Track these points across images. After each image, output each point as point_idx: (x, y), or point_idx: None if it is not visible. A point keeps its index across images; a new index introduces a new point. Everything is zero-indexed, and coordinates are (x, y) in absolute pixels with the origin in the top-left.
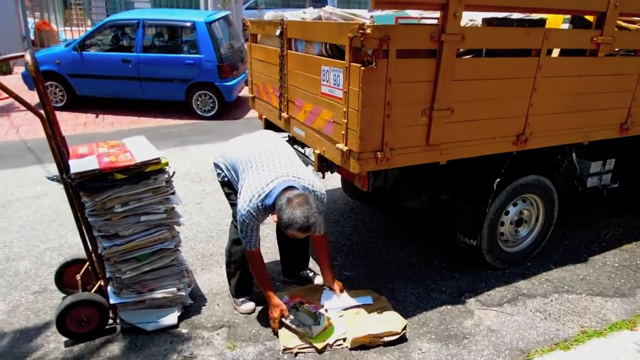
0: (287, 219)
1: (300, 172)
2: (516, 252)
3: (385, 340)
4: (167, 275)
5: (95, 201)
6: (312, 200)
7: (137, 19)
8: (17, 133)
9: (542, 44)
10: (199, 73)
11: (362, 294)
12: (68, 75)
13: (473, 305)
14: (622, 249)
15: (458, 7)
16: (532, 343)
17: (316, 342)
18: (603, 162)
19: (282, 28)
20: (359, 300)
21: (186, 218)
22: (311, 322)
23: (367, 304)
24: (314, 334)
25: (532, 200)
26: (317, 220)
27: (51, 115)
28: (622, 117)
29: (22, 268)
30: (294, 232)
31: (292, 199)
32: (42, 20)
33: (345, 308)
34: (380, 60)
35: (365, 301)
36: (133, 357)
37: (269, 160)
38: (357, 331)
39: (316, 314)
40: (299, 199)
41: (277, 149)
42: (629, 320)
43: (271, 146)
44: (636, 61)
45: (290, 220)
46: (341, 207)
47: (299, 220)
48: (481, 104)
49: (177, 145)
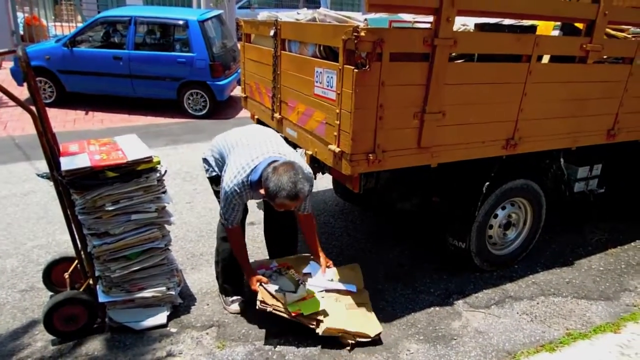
0: (274, 186)
1: (287, 151)
2: (504, 255)
3: (357, 339)
4: (156, 274)
5: (86, 199)
6: (298, 167)
7: (129, 16)
8: (5, 129)
9: (533, 50)
10: (191, 72)
11: (348, 277)
12: (58, 71)
13: (461, 307)
14: (607, 253)
15: (451, 12)
16: (518, 345)
17: (291, 308)
18: (590, 168)
19: (276, 29)
20: (343, 284)
21: (176, 217)
22: (291, 289)
23: (350, 291)
24: (288, 300)
25: (521, 204)
26: (304, 187)
27: (42, 111)
28: (609, 124)
29: (9, 266)
30: (282, 200)
31: (277, 167)
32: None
33: (328, 289)
34: (373, 63)
35: (349, 287)
36: (121, 356)
37: (255, 140)
38: (332, 321)
39: (298, 282)
40: (285, 166)
41: (265, 132)
42: (612, 323)
43: (259, 130)
44: (624, 69)
45: (277, 187)
46: (332, 209)
47: (287, 186)
48: (472, 108)
49: (168, 144)
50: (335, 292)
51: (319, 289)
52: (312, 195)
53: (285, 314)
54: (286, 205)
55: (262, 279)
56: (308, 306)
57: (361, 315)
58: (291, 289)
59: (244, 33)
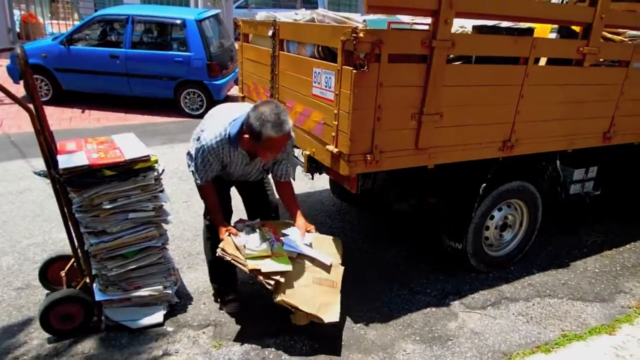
0: (256, 120)
1: None
2: (500, 256)
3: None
4: (153, 273)
5: (83, 197)
6: (278, 104)
7: (127, 15)
8: (1, 127)
9: (530, 53)
10: (188, 71)
11: (328, 247)
12: (54, 69)
13: (457, 308)
14: (602, 255)
15: (449, 14)
16: (514, 346)
17: (251, 261)
18: (586, 170)
19: (275, 29)
20: (319, 254)
21: (173, 216)
22: (257, 244)
23: (324, 263)
24: (247, 253)
25: (517, 206)
26: (288, 119)
27: (40, 109)
28: (605, 126)
29: (5, 264)
30: (269, 133)
31: (257, 105)
32: (29, 12)
33: (302, 254)
34: (372, 63)
35: (323, 259)
36: (117, 355)
37: (236, 106)
38: (291, 293)
39: (268, 239)
40: (265, 102)
41: (240, 104)
42: (608, 325)
43: (234, 103)
44: (620, 72)
45: (260, 120)
46: (328, 209)
47: (270, 117)
48: (469, 109)
49: (164, 142)
50: (309, 261)
51: (292, 251)
52: (309, 195)
53: (243, 266)
54: (273, 146)
55: (231, 229)
56: (270, 265)
57: (325, 294)
58: (257, 244)
59: (242, 33)
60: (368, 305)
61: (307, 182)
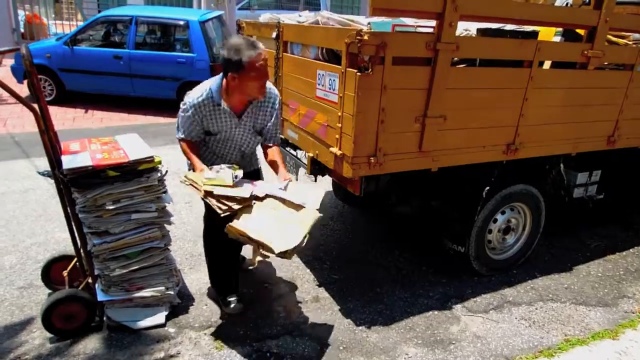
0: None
1: None
2: (503, 260)
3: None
4: (156, 274)
5: (87, 198)
6: None
7: (130, 16)
8: (5, 126)
9: (534, 56)
10: (191, 72)
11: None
12: (58, 69)
13: (460, 312)
14: (605, 259)
15: (454, 17)
16: (516, 350)
17: (206, 186)
18: (589, 174)
19: (279, 31)
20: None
21: (175, 217)
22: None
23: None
24: (205, 175)
25: (520, 209)
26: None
27: (44, 109)
28: (609, 130)
29: (7, 263)
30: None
31: (224, 43)
32: (33, 13)
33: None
34: (376, 66)
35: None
36: (119, 356)
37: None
38: (243, 222)
39: (236, 176)
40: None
41: None
42: (611, 330)
43: None
44: (624, 75)
45: (234, 49)
46: (331, 211)
47: (242, 42)
48: (473, 112)
49: (167, 143)
50: (279, 201)
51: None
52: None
53: (198, 191)
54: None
55: (204, 167)
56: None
57: (286, 231)
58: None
59: (245, 34)
60: (370, 308)
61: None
